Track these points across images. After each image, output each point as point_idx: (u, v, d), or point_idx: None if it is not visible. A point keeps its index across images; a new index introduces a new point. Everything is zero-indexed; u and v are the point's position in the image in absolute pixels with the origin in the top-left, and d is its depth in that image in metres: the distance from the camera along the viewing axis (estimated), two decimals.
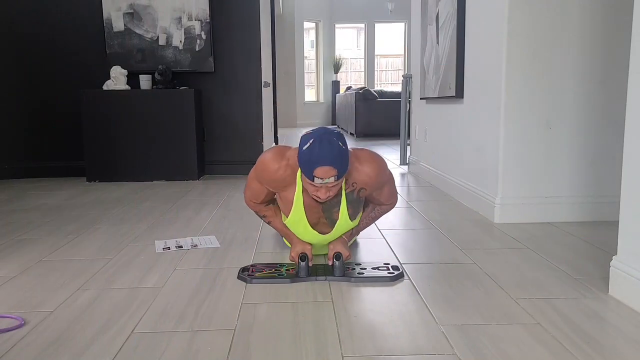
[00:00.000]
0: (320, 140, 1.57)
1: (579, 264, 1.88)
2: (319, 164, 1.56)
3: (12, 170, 4.34)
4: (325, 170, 1.57)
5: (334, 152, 1.56)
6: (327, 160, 1.56)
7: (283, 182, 1.78)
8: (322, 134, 1.59)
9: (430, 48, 3.66)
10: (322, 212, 1.83)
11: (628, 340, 1.30)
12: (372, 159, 1.78)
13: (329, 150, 1.56)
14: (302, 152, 1.60)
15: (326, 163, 1.56)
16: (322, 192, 1.64)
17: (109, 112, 3.99)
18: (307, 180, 1.64)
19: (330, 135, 1.59)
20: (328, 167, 1.57)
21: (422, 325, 1.39)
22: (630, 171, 1.52)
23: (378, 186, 1.83)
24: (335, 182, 1.61)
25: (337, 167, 1.58)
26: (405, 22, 12.86)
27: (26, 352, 1.26)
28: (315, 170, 1.57)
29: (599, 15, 2.42)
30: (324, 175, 1.58)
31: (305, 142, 1.60)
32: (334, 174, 1.58)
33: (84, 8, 4.24)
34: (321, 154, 1.56)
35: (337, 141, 1.59)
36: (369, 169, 1.76)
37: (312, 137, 1.59)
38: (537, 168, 2.51)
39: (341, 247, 1.84)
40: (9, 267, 1.95)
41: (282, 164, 1.75)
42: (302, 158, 1.59)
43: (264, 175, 1.79)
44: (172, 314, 1.48)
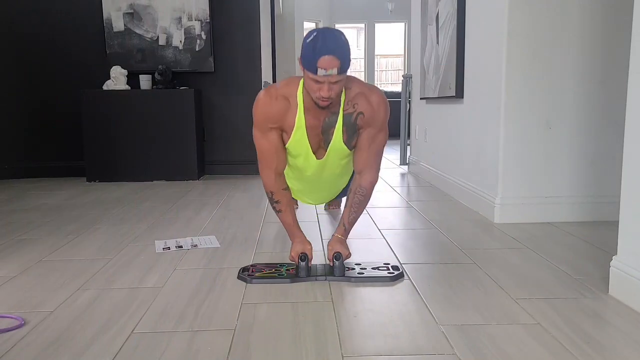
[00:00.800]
0: (323, 32, 1.60)
1: (579, 264, 1.88)
2: (323, 53, 1.57)
3: (12, 170, 4.34)
4: (328, 60, 1.58)
5: (337, 42, 1.59)
6: (330, 49, 1.57)
7: (281, 112, 1.80)
8: (326, 28, 1.64)
9: (430, 48, 3.66)
10: (321, 134, 1.84)
11: (628, 340, 1.30)
12: (381, 95, 1.83)
13: (332, 39, 1.58)
14: (306, 45, 1.61)
15: (329, 52, 1.57)
16: (324, 89, 1.63)
17: (109, 112, 3.99)
18: (309, 76, 1.63)
19: (334, 30, 1.63)
20: (331, 57, 1.57)
21: (422, 325, 1.39)
22: (630, 171, 1.52)
23: (375, 122, 1.83)
24: (338, 76, 1.62)
25: (340, 58, 1.59)
26: (405, 22, 12.86)
27: (26, 352, 1.26)
28: (319, 61, 1.58)
29: (599, 15, 2.42)
30: (327, 66, 1.58)
31: (309, 36, 1.62)
32: (337, 65, 1.59)
33: (84, 8, 4.24)
34: (324, 44, 1.57)
35: (341, 35, 1.62)
36: (375, 98, 1.80)
37: (315, 31, 1.62)
38: (537, 168, 2.51)
39: (341, 247, 1.84)
40: (9, 267, 1.95)
41: (272, 95, 1.79)
42: (306, 50, 1.60)
43: (261, 117, 1.82)
44: (172, 314, 1.48)
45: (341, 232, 1.90)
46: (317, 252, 2.06)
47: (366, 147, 1.87)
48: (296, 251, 1.85)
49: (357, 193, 1.90)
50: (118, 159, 4.04)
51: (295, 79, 1.85)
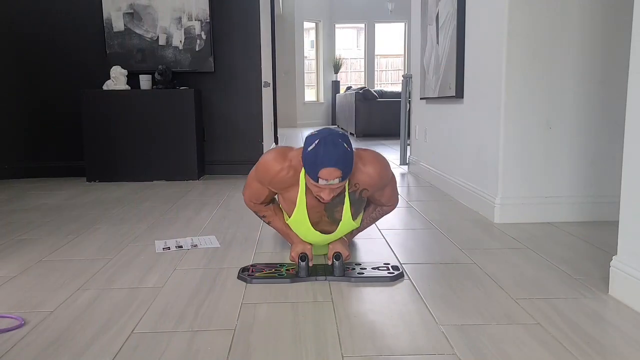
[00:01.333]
0: (325, 141, 1.58)
1: (579, 264, 1.88)
2: (324, 165, 1.57)
3: (12, 170, 4.34)
4: (329, 172, 1.58)
5: (338, 154, 1.57)
6: (332, 162, 1.57)
7: (285, 183, 1.78)
8: (327, 135, 1.60)
9: (430, 48, 3.66)
10: (324, 211, 1.83)
11: (628, 340, 1.30)
12: (376, 159, 1.78)
13: (333, 151, 1.57)
14: (307, 153, 1.60)
15: (331, 164, 1.57)
16: (325, 193, 1.64)
17: (109, 112, 3.99)
18: (311, 181, 1.65)
19: (335, 137, 1.59)
20: (333, 169, 1.58)
21: (422, 325, 1.39)
22: (630, 171, 1.52)
23: (380, 187, 1.83)
24: (339, 183, 1.62)
25: (341, 169, 1.59)
26: (405, 22, 12.86)
27: (26, 352, 1.26)
28: (320, 172, 1.58)
29: (599, 15, 2.42)
30: (328, 177, 1.59)
31: (310, 143, 1.61)
32: (338, 175, 1.59)
33: (84, 8, 4.24)
34: (326, 156, 1.57)
35: (342, 142, 1.59)
36: (372, 170, 1.76)
37: (317, 138, 1.60)
38: (537, 168, 2.51)
39: (341, 247, 1.84)
40: (9, 267, 1.95)
41: (284, 165, 1.75)
42: (307, 159, 1.60)
43: (266, 176, 1.79)
44: (172, 314, 1.48)
45: (347, 235, 1.91)
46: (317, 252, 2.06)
47: (381, 196, 1.92)
48: (296, 251, 1.85)
49: (376, 210, 1.98)
50: (118, 159, 4.04)
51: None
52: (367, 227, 2.03)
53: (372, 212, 1.98)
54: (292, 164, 1.76)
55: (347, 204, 1.80)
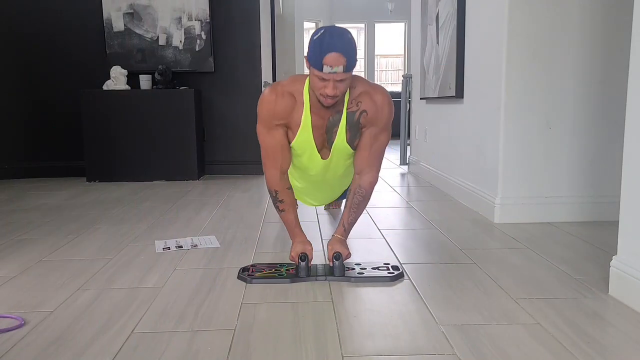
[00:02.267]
0: (330, 29, 1.62)
1: (579, 264, 1.88)
2: (329, 50, 1.58)
3: (12, 170, 4.34)
4: (334, 57, 1.58)
5: (343, 40, 1.60)
6: (337, 47, 1.58)
7: (287, 109, 1.79)
8: (333, 26, 1.65)
9: (430, 48, 3.66)
10: (325, 133, 1.84)
11: (628, 340, 1.30)
12: (386, 94, 1.83)
13: (338, 38, 1.59)
14: (313, 42, 1.62)
15: (336, 49, 1.58)
16: (330, 87, 1.64)
17: (109, 112, 3.99)
18: (315, 74, 1.64)
19: (342, 29, 1.64)
20: (338, 54, 1.58)
21: (422, 325, 1.39)
22: (630, 171, 1.52)
23: (378, 121, 1.82)
24: (343, 74, 1.62)
25: (346, 56, 1.60)
26: (405, 22, 12.86)
27: (26, 352, 1.26)
28: (325, 58, 1.59)
29: (599, 15, 2.42)
30: (333, 63, 1.59)
31: (316, 33, 1.63)
32: (343, 63, 1.60)
33: (84, 8, 4.24)
34: (332, 42, 1.58)
35: (347, 33, 1.63)
36: (380, 97, 1.80)
37: (322, 28, 1.64)
38: (537, 168, 2.51)
39: (341, 247, 1.84)
40: (9, 267, 1.95)
41: (278, 92, 1.79)
42: (312, 47, 1.62)
43: (266, 112, 1.80)
44: (172, 314, 1.48)
45: (341, 232, 1.90)
46: (317, 252, 2.06)
47: (368, 147, 1.86)
48: (296, 251, 1.85)
49: (356, 194, 1.90)
50: (118, 159, 4.04)
51: (302, 77, 1.84)
52: (355, 220, 1.96)
53: (352, 197, 1.91)
54: (286, 90, 1.79)
55: (344, 122, 1.81)
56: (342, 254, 1.78)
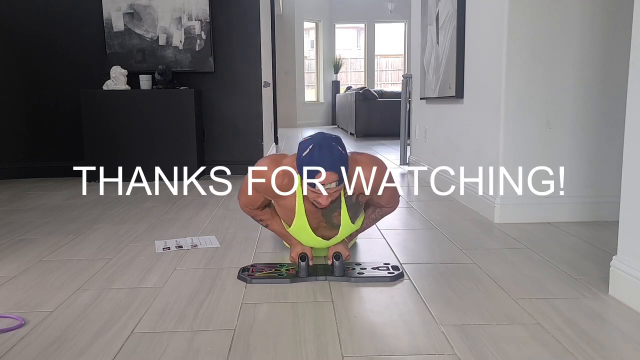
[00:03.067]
0: (320, 145, 1.57)
1: (579, 264, 1.88)
2: (320, 169, 1.56)
3: (12, 170, 4.34)
4: (326, 176, 1.57)
5: (333, 158, 1.56)
6: (328, 166, 1.56)
7: (281, 190, 1.76)
8: (321, 139, 1.59)
9: (430, 48, 3.66)
10: (322, 216, 1.82)
11: (628, 340, 1.30)
12: (371, 163, 1.76)
13: (329, 155, 1.56)
14: (302, 159, 1.59)
15: (327, 168, 1.56)
16: (323, 198, 1.62)
17: (109, 112, 3.99)
18: (308, 186, 1.63)
19: (330, 140, 1.58)
20: (330, 173, 1.56)
21: (422, 325, 1.39)
22: (630, 171, 1.52)
23: (377, 190, 1.81)
24: (336, 187, 1.61)
25: (338, 172, 1.57)
26: (405, 22, 12.86)
27: (26, 352, 1.26)
28: (316, 176, 1.57)
29: (599, 15, 2.42)
30: (325, 181, 1.57)
31: (304, 148, 1.59)
32: (334, 179, 1.58)
33: (84, 8, 4.24)
34: (322, 160, 1.55)
35: (337, 146, 1.58)
36: (368, 172, 1.75)
37: (311, 143, 1.59)
38: (537, 168, 2.51)
39: (341, 247, 1.84)
40: (9, 267, 1.95)
41: (279, 172, 1.73)
42: (303, 164, 1.58)
43: (260, 184, 1.77)
44: (172, 314, 1.48)
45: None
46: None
47: (380, 198, 1.87)
48: (296, 252, 1.85)
49: (376, 212, 1.95)
50: (118, 159, 4.03)
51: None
52: (368, 228, 2.03)
53: (372, 213, 1.97)
54: (286, 171, 1.74)
55: (344, 209, 1.79)
56: (342, 254, 1.78)
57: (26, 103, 4.31)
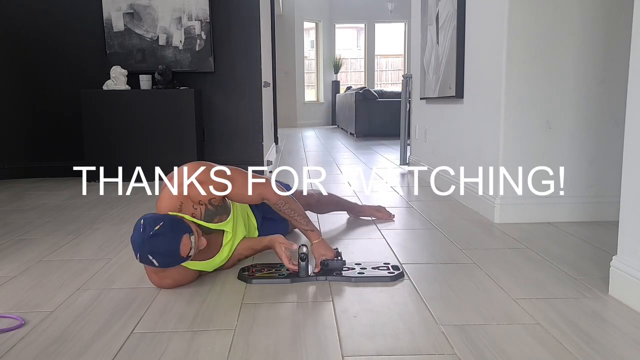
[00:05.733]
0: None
1: (579, 264, 1.88)
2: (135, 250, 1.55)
3: (12, 170, 4.34)
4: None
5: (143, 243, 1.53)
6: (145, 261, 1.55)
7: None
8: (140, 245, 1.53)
9: (430, 48, 3.66)
10: (218, 237, 1.79)
11: (628, 340, 1.30)
12: (172, 176, 1.71)
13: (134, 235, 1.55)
14: (153, 264, 1.54)
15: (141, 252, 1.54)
16: (193, 249, 1.59)
17: (109, 112, 3.99)
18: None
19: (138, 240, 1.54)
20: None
21: (422, 325, 1.39)
22: (630, 171, 1.52)
23: (210, 191, 1.70)
24: (191, 241, 1.56)
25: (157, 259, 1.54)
26: (405, 22, 12.86)
27: (26, 352, 1.26)
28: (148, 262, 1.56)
29: (600, 15, 2.42)
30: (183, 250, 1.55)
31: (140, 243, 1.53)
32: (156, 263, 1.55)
33: (84, 8, 4.24)
34: (133, 241, 1.55)
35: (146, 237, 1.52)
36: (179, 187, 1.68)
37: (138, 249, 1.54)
38: (537, 168, 2.51)
39: (325, 250, 1.80)
40: (9, 267, 1.95)
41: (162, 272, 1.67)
42: (170, 248, 1.53)
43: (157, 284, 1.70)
44: (172, 314, 1.48)
45: (315, 236, 1.84)
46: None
47: (237, 195, 1.78)
48: (287, 255, 1.78)
49: (281, 210, 1.83)
50: (118, 159, 4.03)
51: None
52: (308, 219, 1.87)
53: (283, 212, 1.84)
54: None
55: (210, 225, 1.74)
56: (328, 257, 1.77)
57: (26, 103, 4.31)
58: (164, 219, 1.55)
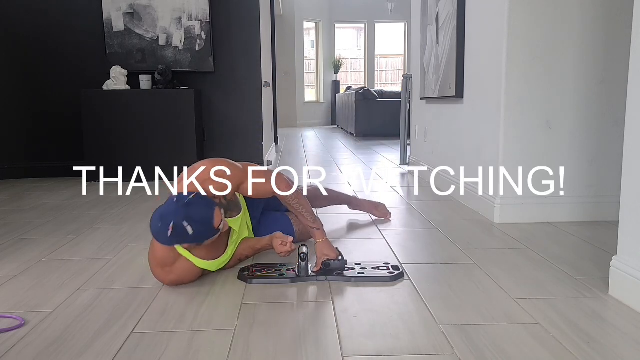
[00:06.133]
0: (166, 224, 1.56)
1: (579, 264, 1.88)
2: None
3: (12, 170, 4.34)
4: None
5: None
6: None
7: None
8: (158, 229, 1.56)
9: (430, 48, 3.66)
10: (224, 236, 1.80)
11: (628, 340, 1.30)
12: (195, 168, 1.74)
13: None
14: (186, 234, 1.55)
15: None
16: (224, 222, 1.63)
17: (109, 112, 3.99)
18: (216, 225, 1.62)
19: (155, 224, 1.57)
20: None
21: (422, 325, 1.39)
22: (630, 171, 1.52)
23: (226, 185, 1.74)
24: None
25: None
26: (405, 22, 12.86)
27: (26, 352, 1.26)
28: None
29: (600, 15, 2.42)
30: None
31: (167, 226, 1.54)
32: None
33: (84, 8, 4.24)
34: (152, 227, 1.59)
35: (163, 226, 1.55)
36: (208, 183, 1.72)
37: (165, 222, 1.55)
38: (537, 168, 2.51)
39: (328, 250, 1.81)
40: (9, 267, 1.95)
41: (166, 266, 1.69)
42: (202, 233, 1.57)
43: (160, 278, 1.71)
44: (172, 314, 1.48)
45: (320, 235, 1.85)
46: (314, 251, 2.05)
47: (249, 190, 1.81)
48: (285, 249, 1.80)
49: (290, 204, 1.85)
50: (118, 159, 4.04)
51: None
52: (315, 217, 1.90)
53: (291, 206, 1.88)
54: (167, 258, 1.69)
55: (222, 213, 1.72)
56: (330, 257, 1.77)
57: (26, 103, 4.31)
58: (195, 193, 1.60)
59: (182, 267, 1.70)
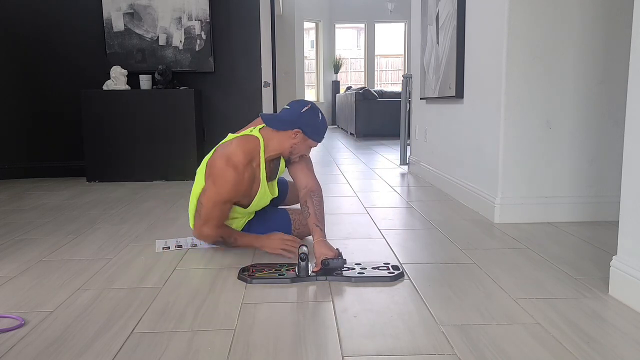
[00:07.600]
0: (315, 110, 1.99)
1: (579, 264, 1.88)
2: (326, 129, 2.04)
3: (12, 170, 4.34)
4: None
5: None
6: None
7: (249, 185, 1.99)
8: (311, 106, 1.99)
9: (430, 48, 3.66)
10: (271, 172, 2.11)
11: (628, 340, 1.30)
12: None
13: (323, 118, 2.04)
14: (318, 122, 1.99)
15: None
16: (309, 150, 2.06)
17: (109, 112, 3.99)
18: (309, 144, 2.02)
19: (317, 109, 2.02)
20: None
21: (422, 325, 1.39)
22: (630, 171, 1.52)
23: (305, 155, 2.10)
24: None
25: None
26: (405, 22, 12.86)
27: (26, 352, 1.26)
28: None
29: (600, 15, 2.42)
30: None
31: (313, 115, 1.98)
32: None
33: (84, 8, 4.24)
34: (324, 122, 2.03)
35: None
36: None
37: (311, 108, 1.99)
38: (537, 168, 2.51)
39: (326, 250, 1.81)
40: (9, 267, 1.95)
41: (240, 170, 1.94)
42: (319, 126, 2.00)
43: (230, 192, 1.94)
44: (172, 314, 1.48)
45: (321, 235, 1.88)
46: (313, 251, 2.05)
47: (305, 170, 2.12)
48: (284, 248, 1.99)
49: (313, 197, 2.03)
50: (118, 159, 4.04)
51: (251, 139, 2.01)
52: (324, 219, 2.02)
53: (311, 200, 2.03)
54: (246, 163, 1.95)
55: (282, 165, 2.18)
56: (328, 257, 1.77)
57: (26, 103, 4.31)
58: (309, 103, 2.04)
59: (255, 185, 1.99)
